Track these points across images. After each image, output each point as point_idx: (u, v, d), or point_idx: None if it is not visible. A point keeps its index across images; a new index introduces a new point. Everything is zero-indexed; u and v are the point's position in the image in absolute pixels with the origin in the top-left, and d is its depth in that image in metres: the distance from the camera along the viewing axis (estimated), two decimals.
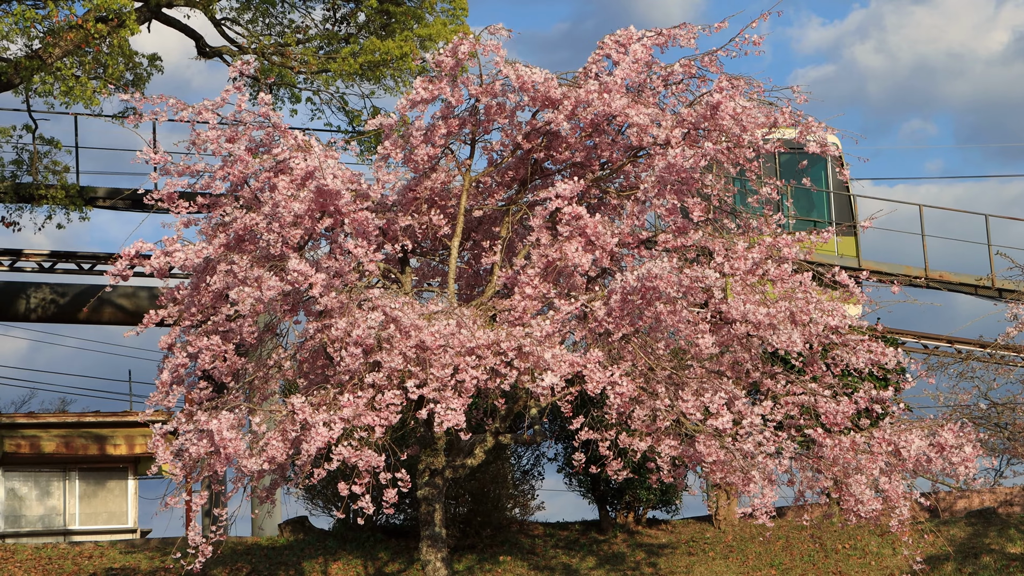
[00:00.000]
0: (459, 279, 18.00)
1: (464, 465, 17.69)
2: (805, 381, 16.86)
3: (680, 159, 15.49)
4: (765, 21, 16.33)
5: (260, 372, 16.87)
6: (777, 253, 16.34)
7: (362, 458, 15.25)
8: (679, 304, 15.58)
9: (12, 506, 27.58)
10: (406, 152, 16.70)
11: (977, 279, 31.61)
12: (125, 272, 16.11)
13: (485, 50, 16.23)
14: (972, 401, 26.23)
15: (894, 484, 16.68)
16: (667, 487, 25.25)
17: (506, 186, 17.58)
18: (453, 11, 26.81)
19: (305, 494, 25.20)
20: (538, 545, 25.10)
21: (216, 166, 16.27)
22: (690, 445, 15.98)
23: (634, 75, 16.39)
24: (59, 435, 27.53)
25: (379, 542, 24.59)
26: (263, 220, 15.76)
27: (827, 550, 24.69)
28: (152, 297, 29.44)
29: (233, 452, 15.02)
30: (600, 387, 15.68)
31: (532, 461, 26.52)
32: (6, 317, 30.85)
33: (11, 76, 24.16)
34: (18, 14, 23.14)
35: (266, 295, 15.16)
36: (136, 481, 28.36)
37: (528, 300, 16.14)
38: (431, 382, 15.30)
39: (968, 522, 25.80)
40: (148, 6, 25.41)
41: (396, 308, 15.24)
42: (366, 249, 15.65)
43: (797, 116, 16.46)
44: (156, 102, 16.16)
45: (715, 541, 25.48)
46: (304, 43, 27.57)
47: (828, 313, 16.20)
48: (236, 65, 16.54)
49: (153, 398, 16.31)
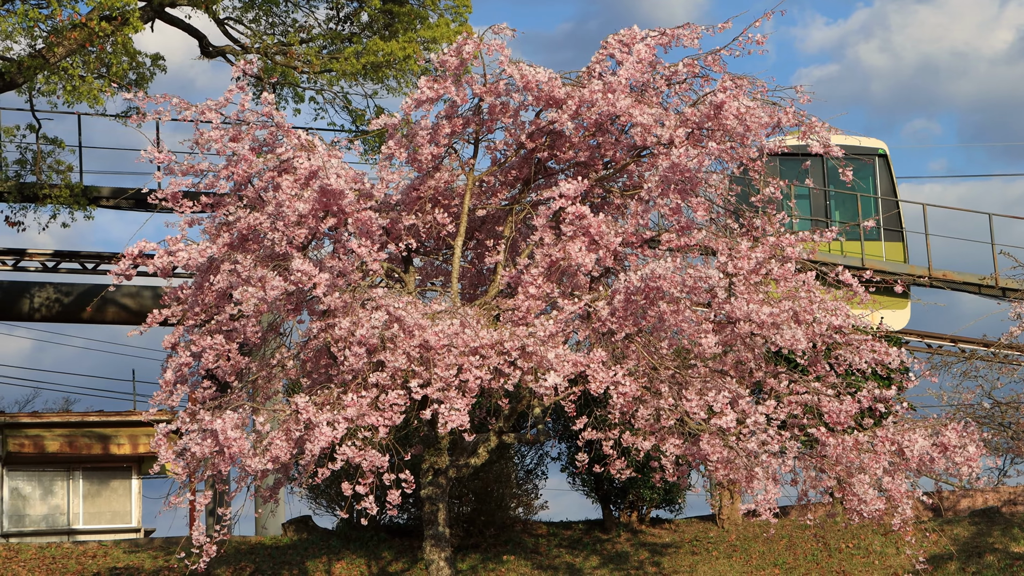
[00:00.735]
0: (463, 278, 18.01)
1: (468, 464, 17.70)
2: (808, 380, 16.86)
3: (684, 159, 15.49)
4: (768, 20, 16.34)
5: (264, 371, 16.88)
6: (780, 252, 16.34)
7: (366, 458, 15.26)
8: (682, 304, 15.59)
9: (16, 505, 27.60)
10: (410, 152, 16.70)
11: (981, 278, 31.61)
12: (128, 271, 16.13)
13: (489, 50, 16.23)
14: (976, 400, 26.23)
15: (897, 483, 16.68)
16: (670, 486, 25.26)
17: (510, 185, 17.58)
18: (457, 10, 26.80)
19: (309, 493, 25.21)
20: (542, 544, 25.11)
21: (220, 165, 16.28)
22: (694, 444, 15.99)
23: (638, 75, 16.39)
24: (63, 434, 27.55)
25: (383, 541, 24.60)
26: (267, 220, 15.76)
27: (831, 549, 24.69)
28: (156, 297, 29.46)
29: (237, 451, 15.03)
30: (603, 387, 15.69)
31: (536, 460, 26.54)
32: (10, 317, 30.87)
33: (14, 76, 24.17)
34: (21, 13, 23.15)
35: (270, 295, 15.17)
36: (140, 480, 28.38)
37: (532, 300, 16.15)
38: (435, 382, 15.30)
39: (971, 521, 25.78)
40: (151, 5, 25.41)
41: (400, 308, 15.25)
42: (370, 248, 15.66)
43: (800, 116, 16.44)
44: (159, 101, 16.16)
45: (719, 540, 25.48)
46: (307, 43, 27.56)
47: (832, 312, 16.20)
48: (239, 65, 16.55)
49: (157, 397, 16.33)
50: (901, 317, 32.51)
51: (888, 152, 32.74)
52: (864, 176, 32.79)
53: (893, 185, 32.84)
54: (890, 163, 32.64)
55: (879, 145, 32.98)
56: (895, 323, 32.38)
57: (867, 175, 32.77)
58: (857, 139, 33.24)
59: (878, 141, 33.12)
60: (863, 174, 32.78)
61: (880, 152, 32.66)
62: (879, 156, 32.59)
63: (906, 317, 32.65)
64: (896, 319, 32.29)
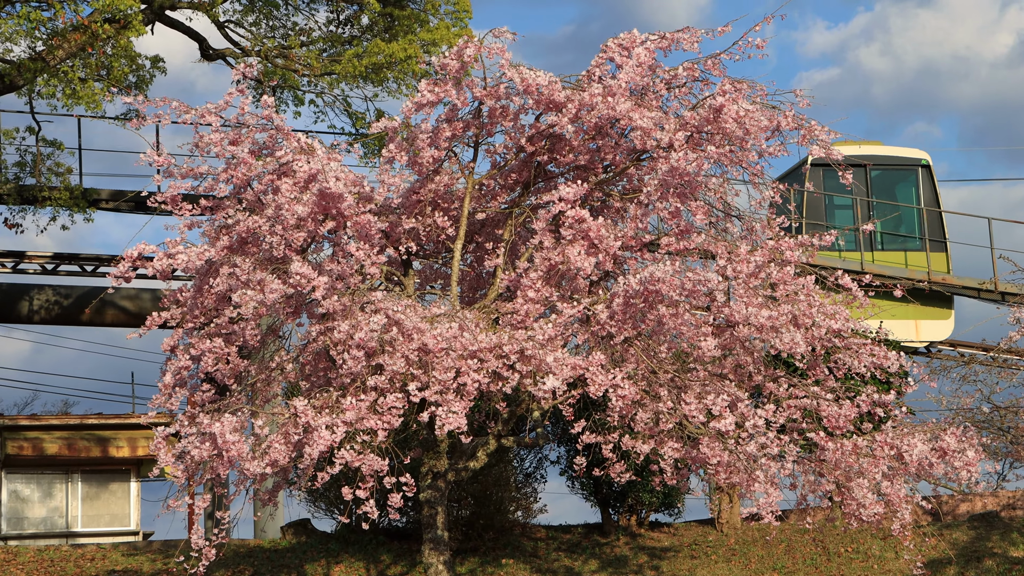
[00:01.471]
0: (462, 282, 18.00)
1: (467, 468, 17.70)
2: (807, 384, 16.85)
3: (683, 162, 15.50)
4: (769, 24, 16.35)
5: (263, 375, 16.87)
6: (780, 256, 16.33)
7: (365, 462, 15.25)
8: (681, 307, 15.59)
9: (15, 508, 27.59)
10: (410, 155, 16.70)
11: (980, 283, 31.62)
12: (127, 274, 16.12)
13: (490, 53, 16.23)
14: (975, 404, 26.26)
15: (896, 488, 16.68)
16: (669, 490, 25.26)
17: (509, 189, 17.58)
18: (457, 14, 26.82)
19: (307, 497, 25.21)
20: (540, 548, 25.10)
21: (219, 168, 16.28)
22: (693, 447, 15.99)
23: (638, 78, 16.39)
24: (62, 437, 27.54)
25: (381, 545, 24.60)
26: (266, 223, 15.76)
27: (829, 553, 24.68)
28: (155, 299, 29.45)
29: (236, 455, 15.03)
30: (602, 390, 15.68)
31: (534, 464, 26.54)
32: (9, 319, 30.88)
33: (15, 78, 24.17)
34: (22, 15, 23.15)
35: (269, 298, 15.17)
36: (139, 483, 28.38)
37: (531, 303, 16.15)
38: (433, 385, 15.30)
39: (970, 526, 25.78)
40: (152, 8, 25.42)
41: (399, 311, 15.25)
42: (368, 252, 15.66)
43: (800, 120, 16.44)
44: (159, 104, 16.17)
45: (718, 544, 25.47)
46: (307, 45, 27.57)
47: (831, 316, 16.20)
48: (239, 68, 16.55)
49: (156, 400, 16.32)
50: (944, 328, 32.42)
51: (931, 163, 32.82)
52: (907, 186, 32.85)
53: (936, 195, 32.84)
54: (933, 173, 32.69)
55: (922, 156, 33.05)
56: (938, 333, 32.30)
57: (910, 185, 32.83)
58: (901, 150, 33.35)
59: (921, 152, 33.18)
60: (906, 184, 32.85)
61: (923, 163, 32.73)
62: (922, 167, 32.66)
63: (950, 327, 32.55)
64: (939, 329, 32.22)
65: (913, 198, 32.70)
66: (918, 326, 31.78)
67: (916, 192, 32.80)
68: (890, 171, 32.80)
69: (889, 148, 33.34)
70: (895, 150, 33.31)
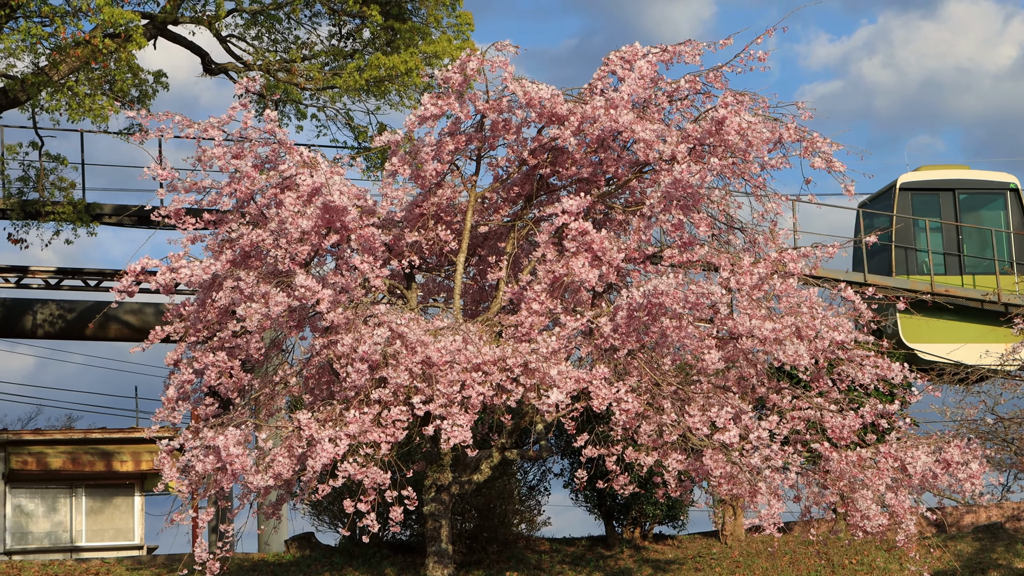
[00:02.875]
0: (465, 295, 18.01)
1: (470, 481, 17.69)
2: (811, 396, 16.85)
3: (686, 175, 15.52)
4: (771, 37, 16.39)
5: (266, 388, 16.89)
6: (783, 268, 16.35)
7: (368, 475, 15.25)
8: (685, 320, 15.59)
9: (19, 522, 27.58)
10: (413, 168, 16.73)
11: (984, 294, 31.60)
12: (131, 288, 16.14)
13: (493, 66, 16.27)
14: (979, 416, 26.20)
15: (900, 499, 16.67)
16: (673, 502, 25.25)
17: (512, 202, 17.60)
18: (459, 27, 26.83)
19: (311, 510, 25.19)
20: (544, 561, 25.08)
21: (223, 182, 16.31)
22: (697, 459, 15.98)
23: (640, 91, 16.43)
24: (66, 451, 27.53)
25: (385, 558, 24.58)
26: (269, 236, 15.79)
27: (834, 565, 24.65)
28: (158, 313, 29.44)
29: (239, 468, 15.04)
30: (606, 403, 15.69)
31: (538, 477, 26.52)
32: (12, 334, 30.86)
33: (18, 93, 24.21)
34: (24, 31, 23.18)
35: (273, 311, 15.19)
36: (143, 497, 28.36)
37: (534, 316, 16.15)
38: (437, 398, 15.30)
39: (975, 537, 25.75)
40: (154, 23, 25.47)
41: (402, 324, 15.26)
42: (372, 265, 15.68)
43: (802, 132, 16.47)
44: (162, 119, 16.21)
45: (722, 556, 25.45)
46: (309, 59, 27.59)
47: (834, 328, 16.20)
48: (242, 82, 16.58)
49: (159, 414, 16.34)
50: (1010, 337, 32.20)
51: (1020, 186, 32.74)
52: (995, 210, 32.74)
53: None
54: (1021, 197, 32.61)
55: (1011, 179, 32.99)
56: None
57: (998, 208, 32.73)
58: (988, 174, 33.30)
59: (1010, 176, 33.10)
60: (994, 207, 32.74)
61: (1012, 186, 32.69)
62: (1011, 190, 32.64)
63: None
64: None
65: (1001, 221, 32.62)
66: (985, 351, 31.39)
67: (1004, 215, 32.70)
68: (977, 195, 32.67)
69: (976, 172, 33.27)
70: (982, 174, 33.27)
